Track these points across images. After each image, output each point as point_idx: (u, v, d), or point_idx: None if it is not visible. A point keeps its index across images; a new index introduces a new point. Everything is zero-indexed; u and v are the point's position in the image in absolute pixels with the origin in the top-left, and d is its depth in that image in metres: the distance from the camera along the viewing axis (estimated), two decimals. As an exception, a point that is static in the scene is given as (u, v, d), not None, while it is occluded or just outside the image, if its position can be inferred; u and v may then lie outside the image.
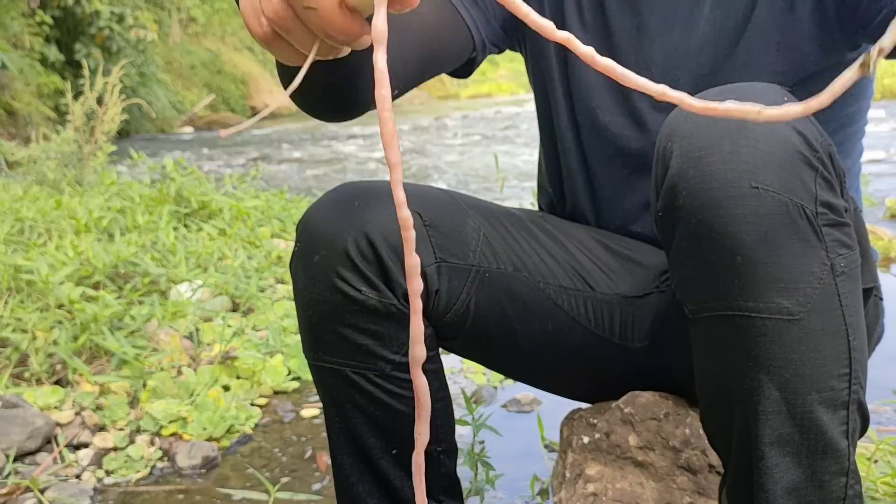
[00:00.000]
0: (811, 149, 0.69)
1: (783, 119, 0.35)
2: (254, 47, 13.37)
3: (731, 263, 0.68)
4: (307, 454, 1.57)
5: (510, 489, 1.38)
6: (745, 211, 0.67)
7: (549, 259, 0.99)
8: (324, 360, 0.90)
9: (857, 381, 0.74)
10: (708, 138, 0.69)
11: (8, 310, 1.95)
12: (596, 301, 1.00)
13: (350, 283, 0.85)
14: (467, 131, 8.95)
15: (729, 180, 0.67)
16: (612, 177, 1.04)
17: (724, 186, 0.67)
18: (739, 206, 0.67)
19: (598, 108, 1.01)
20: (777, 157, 0.67)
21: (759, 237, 0.67)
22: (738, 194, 0.67)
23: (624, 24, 0.97)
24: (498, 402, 1.80)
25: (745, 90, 0.72)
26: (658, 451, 1.05)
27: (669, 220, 0.73)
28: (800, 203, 0.67)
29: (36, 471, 1.47)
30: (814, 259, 0.68)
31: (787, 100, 0.71)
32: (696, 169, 0.69)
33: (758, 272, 0.67)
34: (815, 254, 0.68)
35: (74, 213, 2.85)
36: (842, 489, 0.75)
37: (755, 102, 0.68)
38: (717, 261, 0.69)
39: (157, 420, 1.63)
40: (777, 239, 0.67)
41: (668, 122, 0.74)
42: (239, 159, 7.10)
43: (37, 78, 7.94)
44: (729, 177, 0.67)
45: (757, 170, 0.67)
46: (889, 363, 1.47)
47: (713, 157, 0.68)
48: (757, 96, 0.70)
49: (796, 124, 0.69)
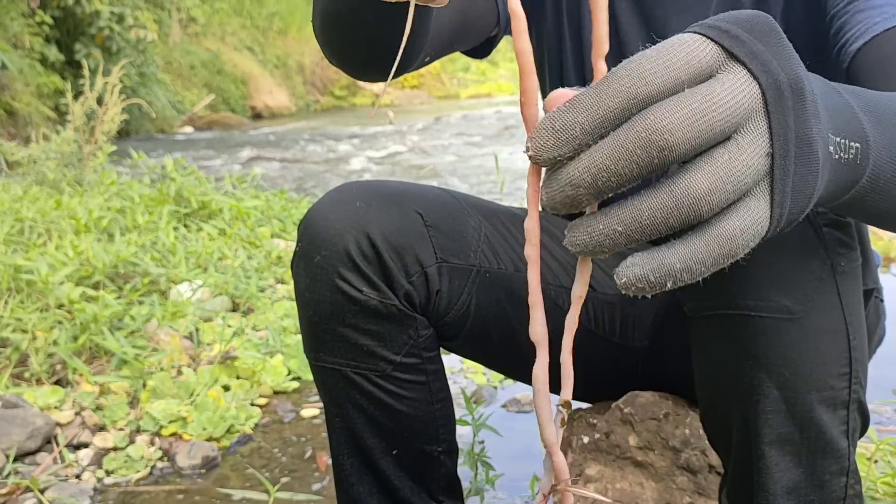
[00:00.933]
0: None
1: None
2: (253, 47, 13.38)
3: (732, 263, 0.68)
4: (307, 454, 1.57)
5: (510, 489, 1.38)
6: None
7: (549, 259, 0.99)
8: (325, 360, 0.90)
9: (857, 381, 0.74)
10: None
11: (8, 310, 1.96)
12: (597, 301, 1.00)
13: (351, 283, 0.85)
14: (467, 131, 8.95)
15: None
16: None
17: None
18: None
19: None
20: None
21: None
22: None
23: (630, 19, 0.97)
24: (498, 402, 1.80)
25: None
26: (658, 452, 1.05)
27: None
28: None
29: (36, 471, 1.47)
30: (814, 258, 0.67)
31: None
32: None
33: (757, 271, 0.67)
34: (814, 253, 0.67)
35: (74, 214, 2.85)
36: (842, 489, 0.75)
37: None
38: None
39: (157, 420, 1.63)
40: (776, 238, 0.67)
41: None
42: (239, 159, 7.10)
43: (37, 78, 7.94)
44: None
45: None
46: (889, 363, 1.47)
47: None
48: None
49: None
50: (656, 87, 0.38)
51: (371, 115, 1.77)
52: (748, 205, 0.41)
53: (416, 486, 0.96)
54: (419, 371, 0.92)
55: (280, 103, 12.89)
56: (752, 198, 0.41)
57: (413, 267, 0.87)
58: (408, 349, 0.90)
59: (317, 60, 14.51)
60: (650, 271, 0.40)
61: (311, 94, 14.21)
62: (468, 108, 11.93)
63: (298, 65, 14.14)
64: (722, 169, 0.39)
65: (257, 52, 13.42)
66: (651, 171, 0.39)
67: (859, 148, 0.49)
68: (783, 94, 0.40)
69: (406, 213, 0.88)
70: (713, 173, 0.38)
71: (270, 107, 12.59)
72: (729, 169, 0.39)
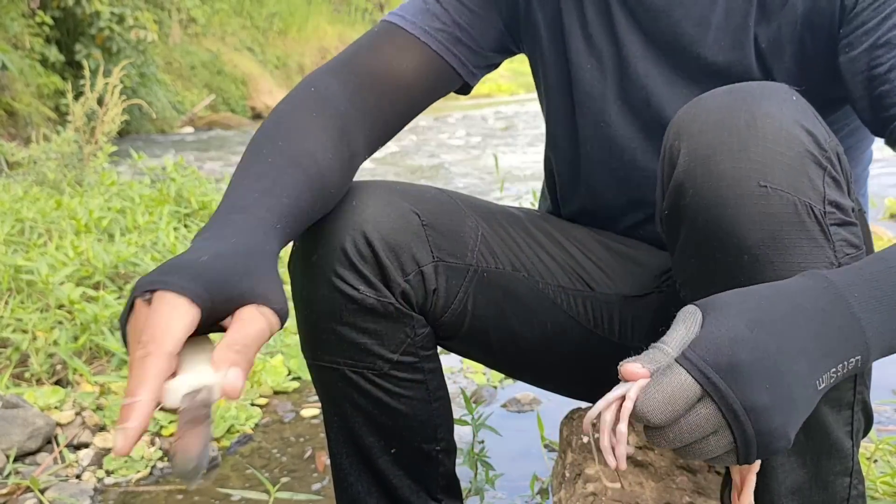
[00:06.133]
0: (820, 148, 0.68)
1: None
2: (254, 48, 13.39)
3: (738, 262, 0.68)
4: (307, 454, 1.57)
5: (510, 489, 1.38)
6: (753, 210, 0.66)
7: (547, 259, 0.99)
8: (322, 359, 0.91)
9: (861, 382, 0.74)
10: (716, 136, 0.68)
11: (8, 310, 1.96)
12: (596, 301, 1.00)
13: (348, 281, 0.85)
14: (467, 131, 8.95)
15: (737, 179, 0.67)
16: (611, 188, 1.01)
17: (732, 185, 0.67)
18: (748, 205, 0.66)
19: (605, 122, 0.97)
20: (786, 155, 0.67)
21: (767, 236, 0.67)
22: (747, 193, 0.66)
23: (632, 36, 0.93)
24: (498, 402, 1.80)
25: (751, 89, 0.71)
26: (657, 451, 1.05)
27: (675, 218, 0.73)
28: (808, 202, 0.67)
29: (36, 471, 1.47)
30: (821, 258, 0.67)
31: (795, 99, 0.70)
32: (703, 167, 0.68)
33: (765, 271, 0.67)
34: (822, 253, 0.67)
35: (75, 214, 2.85)
36: (846, 489, 0.75)
37: (761, 100, 0.69)
38: (725, 260, 0.69)
39: (157, 420, 1.63)
40: (785, 238, 0.67)
41: (675, 120, 0.73)
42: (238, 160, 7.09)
43: (37, 78, 7.95)
44: (737, 175, 0.67)
45: (766, 168, 0.66)
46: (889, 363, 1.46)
47: (721, 155, 0.68)
48: (763, 94, 0.70)
49: (805, 123, 0.68)
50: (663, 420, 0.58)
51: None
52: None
53: (414, 485, 0.96)
54: (416, 370, 0.92)
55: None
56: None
57: (409, 266, 0.87)
58: (405, 348, 0.90)
59: (317, 61, 14.52)
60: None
61: (311, 94, 14.20)
62: (468, 108, 11.92)
63: (298, 65, 14.14)
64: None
65: (257, 52, 13.43)
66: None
67: (859, 359, 0.60)
68: (739, 418, 0.56)
69: (403, 213, 0.88)
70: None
71: (271, 107, 12.54)
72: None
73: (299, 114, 0.86)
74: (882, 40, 0.79)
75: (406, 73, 0.93)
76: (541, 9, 0.99)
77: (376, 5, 17.19)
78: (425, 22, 0.95)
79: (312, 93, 0.89)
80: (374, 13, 17.40)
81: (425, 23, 0.95)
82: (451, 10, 0.95)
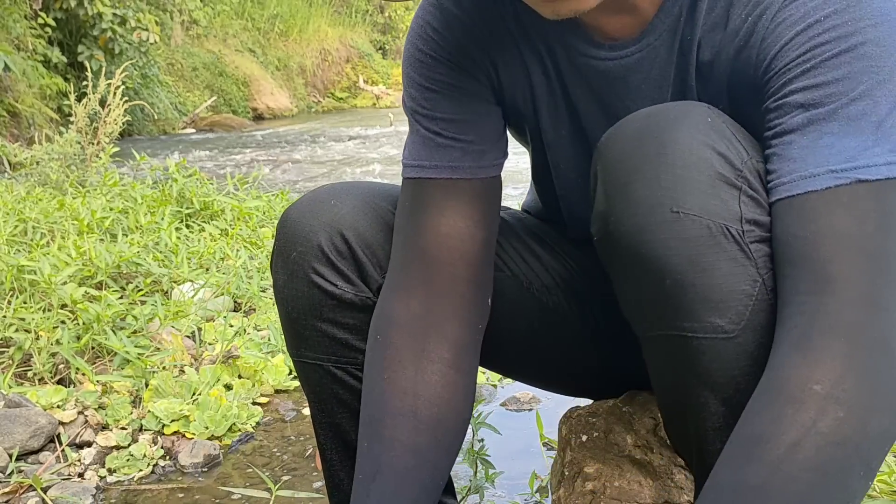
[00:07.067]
0: (733, 168, 0.68)
1: None
2: (255, 49, 13.39)
3: (662, 287, 0.69)
4: (308, 452, 1.58)
5: (509, 487, 1.38)
6: (669, 235, 0.67)
7: (531, 259, 1.00)
8: (306, 356, 0.92)
9: None
10: (632, 164, 0.69)
11: (11, 310, 1.97)
12: (591, 301, 1.00)
13: (326, 277, 0.87)
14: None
15: (651, 206, 0.68)
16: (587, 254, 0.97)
17: (647, 213, 0.68)
18: (664, 231, 0.67)
19: (575, 203, 0.95)
20: (696, 179, 0.67)
21: (685, 260, 0.67)
22: (661, 220, 0.67)
23: (590, 107, 0.87)
24: (497, 401, 1.81)
25: (666, 112, 0.71)
26: (656, 450, 1.05)
27: (605, 245, 0.74)
28: (723, 224, 0.67)
29: (39, 470, 1.48)
30: (744, 277, 0.68)
31: (710, 120, 0.70)
32: (622, 195, 0.70)
33: (687, 294, 0.68)
34: (744, 271, 0.68)
35: (77, 214, 2.86)
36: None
37: (673, 125, 0.68)
38: (650, 285, 0.70)
39: (159, 419, 1.64)
40: (703, 261, 0.67)
41: (598, 145, 0.74)
42: (240, 160, 7.11)
43: (40, 80, 7.95)
44: (651, 203, 0.68)
45: (676, 194, 0.67)
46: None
47: (636, 183, 0.69)
48: (677, 118, 0.70)
49: (717, 145, 0.68)
50: None
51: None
52: None
53: None
54: None
55: (281, 105, 12.89)
56: None
57: (386, 262, 0.88)
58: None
59: (317, 62, 14.53)
60: None
61: (312, 95, 14.22)
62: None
63: (300, 66, 14.15)
64: None
65: (259, 54, 13.43)
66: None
67: None
68: None
69: (380, 212, 0.90)
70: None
71: (272, 108, 12.59)
72: None
73: (397, 376, 0.84)
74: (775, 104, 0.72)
75: (460, 228, 0.86)
76: (515, 86, 0.91)
77: (376, 7, 17.18)
78: (444, 160, 0.87)
79: (398, 339, 0.85)
80: (375, 15, 17.40)
81: (444, 161, 0.87)
82: (454, 133, 0.88)
